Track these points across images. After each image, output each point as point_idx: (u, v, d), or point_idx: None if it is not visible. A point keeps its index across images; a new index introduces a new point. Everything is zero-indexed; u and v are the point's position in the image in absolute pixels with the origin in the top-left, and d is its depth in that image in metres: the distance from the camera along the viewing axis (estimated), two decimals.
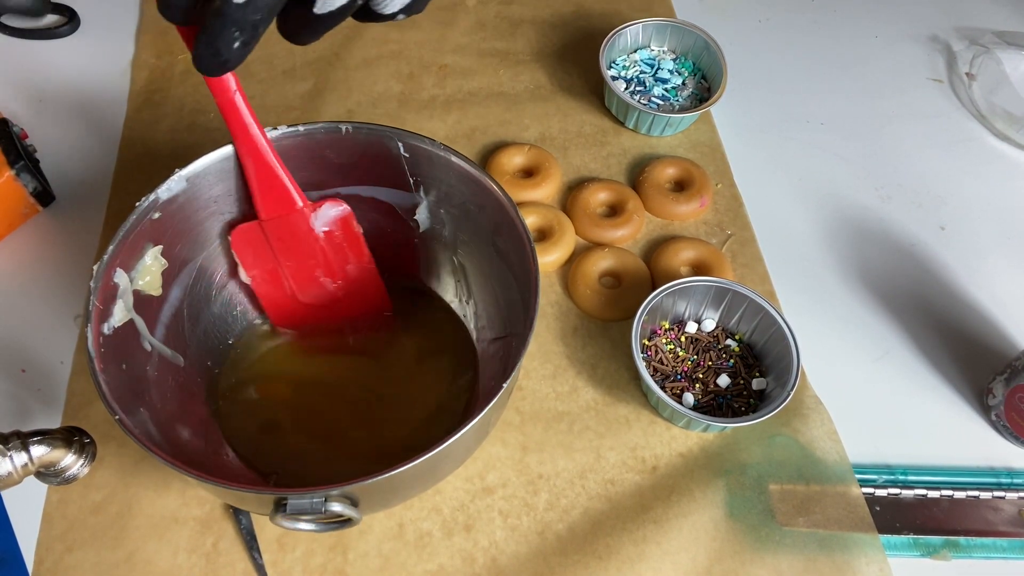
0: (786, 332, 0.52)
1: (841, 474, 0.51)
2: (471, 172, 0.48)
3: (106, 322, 0.42)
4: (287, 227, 0.49)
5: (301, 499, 0.36)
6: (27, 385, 0.53)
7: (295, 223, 0.49)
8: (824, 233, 0.64)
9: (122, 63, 0.72)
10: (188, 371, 0.49)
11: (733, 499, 0.50)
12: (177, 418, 0.46)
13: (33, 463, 0.39)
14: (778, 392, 0.50)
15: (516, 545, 0.48)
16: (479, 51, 0.75)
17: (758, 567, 0.47)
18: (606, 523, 0.49)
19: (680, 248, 0.60)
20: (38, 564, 0.47)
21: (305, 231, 0.50)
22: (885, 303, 0.60)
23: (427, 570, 0.47)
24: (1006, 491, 0.51)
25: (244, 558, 0.47)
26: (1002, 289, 0.61)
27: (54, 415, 0.52)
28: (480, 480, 0.50)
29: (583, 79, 0.73)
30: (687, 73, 0.71)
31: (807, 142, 0.70)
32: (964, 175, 0.69)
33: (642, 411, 0.54)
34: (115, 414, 0.38)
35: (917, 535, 0.49)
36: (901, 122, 0.72)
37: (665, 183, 0.65)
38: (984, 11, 0.82)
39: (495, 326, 0.52)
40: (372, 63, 0.73)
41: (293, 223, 0.49)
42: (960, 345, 0.58)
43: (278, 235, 0.49)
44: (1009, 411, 0.52)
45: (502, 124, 0.69)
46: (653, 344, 0.55)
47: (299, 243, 0.50)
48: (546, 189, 0.63)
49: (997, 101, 0.72)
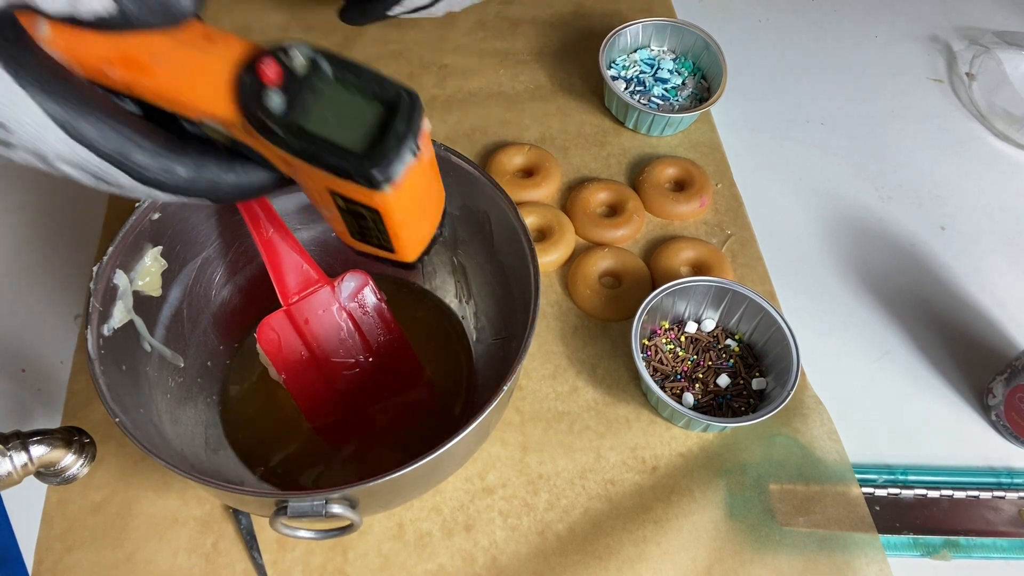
0: (786, 332, 0.52)
1: (841, 474, 0.51)
2: (471, 172, 0.48)
3: (106, 323, 0.42)
4: (313, 306, 0.49)
5: (302, 501, 0.36)
6: (27, 385, 0.53)
7: (321, 300, 0.49)
8: (824, 233, 0.64)
9: None
10: (188, 371, 0.49)
11: (733, 499, 0.50)
12: (177, 419, 0.46)
13: (33, 463, 0.38)
14: (778, 392, 0.50)
15: (516, 545, 0.48)
16: (479, 51, 0.75)
17: (758, 567, 0.47)
18: (606, 523, 0.49)
19: (680, 248, 0.60)
20: (38, 564, 0.47)
21: (331, 305, 0.50)
22: (885, 303, 0.60)
23: (427, 570, 0.47)
24: (1006, 491, 0.51)
25: (244, 558, 0.47)
26: (1002, 289, 0.61)
27: (54, 415, 0.52)
28: (480, 480, 0.50)
29: (583, 79, 0.73)
30: (687, 73, 0.71)
31: (807, 142, 0.70)
32: (964, 175, 0.69)
33: (642, 411, 0.54)
34: (115, 416, 0.38)
35: (917, 535, 0.49)
36: (901, 122, 0.72)
37: (665, 183, 0.65)
38: (984, 11, 0.82)
39: (495, 326, 0.52)
40: (372, 63, 0.72)
41: (318, 301, 0.49)
42: (960, 345, 0.58)
43: (305, 317, 0.49)
44: (1009, 411, 0.52)
45: (502, 124, 0.69)
46: (653, 344, 0.55)
47: (328, 319, 0.50)
48: (546, 189, 0.63)
49: (997, 101, 0.72)
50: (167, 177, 0.30)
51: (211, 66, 0.30)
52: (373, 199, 0.31)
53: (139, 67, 0.29)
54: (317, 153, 0.30)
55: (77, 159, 0.28)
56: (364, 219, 0.33)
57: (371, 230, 0.34)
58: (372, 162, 0.30)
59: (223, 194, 0.32)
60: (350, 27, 0.76)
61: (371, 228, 0.34)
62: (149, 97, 0.30)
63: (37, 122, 0.27)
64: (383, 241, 0.35)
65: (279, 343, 0.49)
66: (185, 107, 0.30)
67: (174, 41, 0.30)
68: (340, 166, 0.30)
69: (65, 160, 0.28)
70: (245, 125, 0.30)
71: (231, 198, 0.32)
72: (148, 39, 0.29)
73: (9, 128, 0.27)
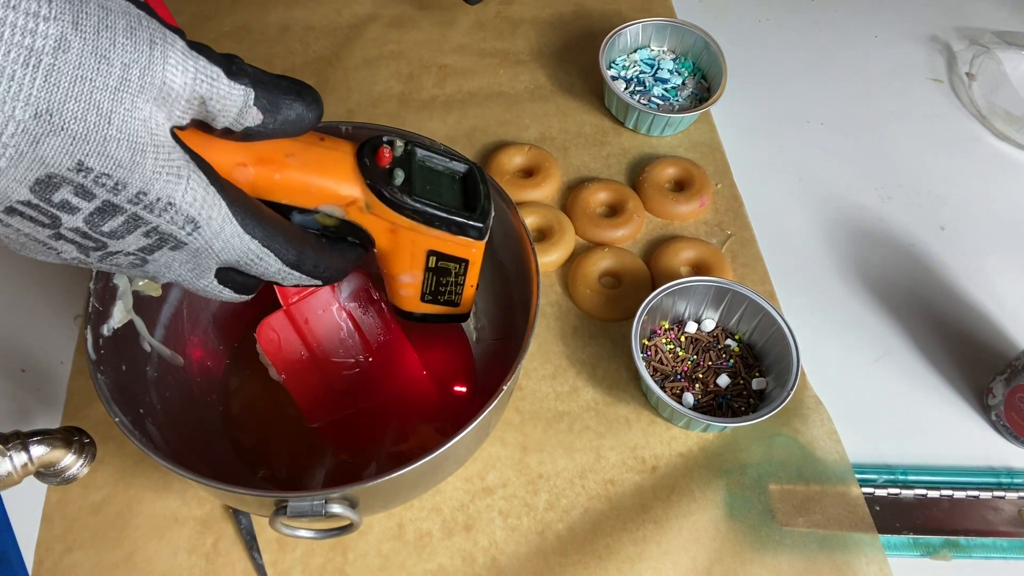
0: (786, 332, 0.52)
1: (841, 474, 0.51)
2: None
3: (106, 324, 0.42)
4: (313, 306, 0.50)
5: (302, 501, 0.36)
6: (27, 385, 0.53)
7: (321, 300, 0.50)
8: (824, 233, 0.64)
9: None
10: (188, 371, 0.49)
11: (733, 499, 0.50)
12: (177, 418, 0.46)
13: (33, 463, 0.38)
14: (778, 392, 0.50)
15: (516, 545, 0.48)
16: (479, 51, 0.75)
17: (758, 567, 0.47)
18: (606, 523, 0.49)
19: (680, 248, 0.60)
20: (38, 564, 0.47)
21: (331, 305, 0.50)
22: (885, 303, 0.60)
23: (427, 570, 0.47)
24: (1006, 491, 0.51)
25: (244, 558, 0.47)
26: (1002, 289, 0.61)
27: (54, 415, 0.52)
28: (480, 480, 0.50)
29: (583, 79, 0.73)
30: (687, 73, 0.71)
31: (807, 142, 0.70)
32: (964, 175, 0.69)
33: (642, 411, 0.54)
34: (115, 416, 0.38)
35: (917, 535, 0.49)
36: (901, 122, 0.72)
37: (665, 183, 0.65)
38: (984, 11, 0.82)
39: (495, 326, 0.52)
40: (372, 63, 0.73)
41: (318, 301, 0.50)
42: (960, 345, 0.58)
43: (305, 317, 0.50)
44: (1009, 411, 0.52)
45: (502, 124, 0.69)
46: (653, 344, 0.55)
47: (328, 319, 0.50)
48: (546, 189, 0.63)
49: (997, 101, 0.72)
50: (301, 261, 0.34)
51: (336, 158, 0.35)
52: (470, 249, 0.39)
53: (274, 164, 0.34)
54: (433, 215, 0.37)
55: (243, 250, 0.32)
56: (448, 274, 0.40)
57: (448, 286, 0.41)
58: (478, 218, 0.38)
59: (331, 271, 0.36)
60: (350, 27, 0.76)
61: (449, 284, 0.41)
62: (275, 192, 0.34)
63: (223, 217, 0.30)
64: (453, 296, 0.42)
65: (279, 343, 0.49)
66: (313, 195, 0.35)
67: (300, 143, 0.35)
68: (454, 222, 0.37)
69: (229, 249, 0.32)
70: (368, 200, 0.36)
71: (334, 276, 0.37)
72: (278, 143, 0.34)
73: (199, 224, 0.30)
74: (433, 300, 0.42)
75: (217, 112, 0.29)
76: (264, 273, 0.34)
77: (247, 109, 0.30)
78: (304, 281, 0.36)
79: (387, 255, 0.39)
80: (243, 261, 0.33)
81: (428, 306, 0.42)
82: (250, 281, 0.35)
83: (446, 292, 0.41)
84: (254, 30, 0.75)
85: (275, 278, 0.35)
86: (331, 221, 0.36)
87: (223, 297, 0.35)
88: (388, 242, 0.38)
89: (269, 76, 0.31)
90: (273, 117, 0.31)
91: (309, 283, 0.36)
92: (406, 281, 0.40)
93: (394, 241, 0.38)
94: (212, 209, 0.30)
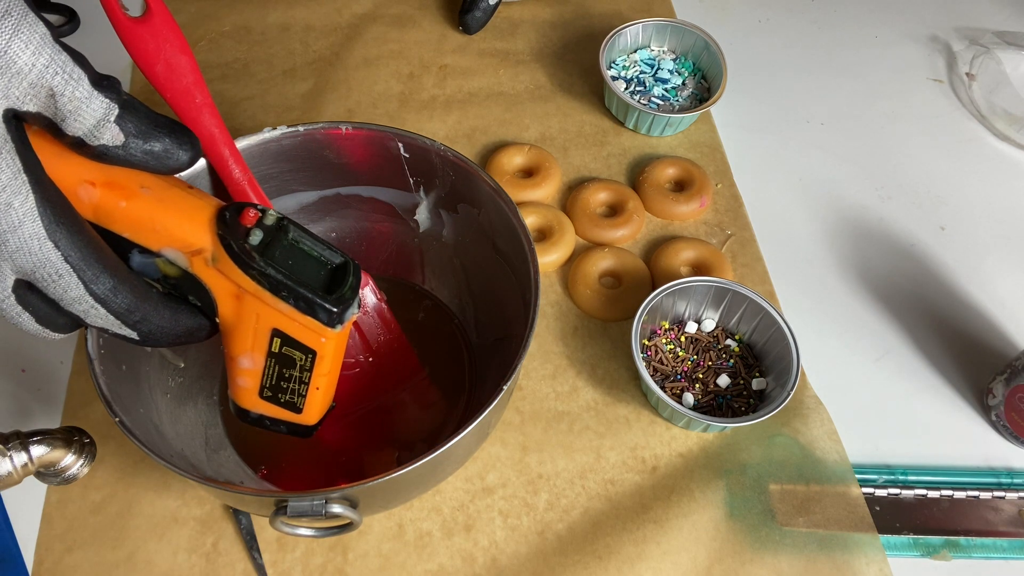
0: (786, 332, 0.52)
1: (841, 474, 0.51)
2: (471, 172, 0.48)
3: None
4: None
5: (301, 501, 0.36)
6: (27, 385, 0.53)
7: None
8: (824, 233, 0.64)
9: (122, 63, 0.72)
10: (188, 371, 0.49)
11: (733, 499, 0.50)
12: (177, 419, 0.46)
13: (33, 463, 0.38)
14: (778, 392, 0.50)
15: (516, 545, 0.48)
16: (479, 51, 0.75)
17: (758, 567, 0.47)
18: (606, 523, 0.49)
19: (680, 248, 0.60)
20: (38, 564, 0.47)
21: None
22: (885, 303, 0.60)
23: (427, 570, 0.47)
24: (1006, 491, 0.51)
25: (244, 558, 0.47)
26: (1002, 289, 0.61)
27: (54, 415, 0.52)
28: (480, 480, 0.50)
29: (583, 79, 0.73)
30: (687, 73, 0.71)
31: (807, 142, 0.70)
32: (964, 175, 0.69)
33: (642, 411, 0.54)
34: (115, 415, 0.38)
35: (917, 535, 0.49)
36: (901, 122, 0.72)
37: (665, 183, 0.65)
38: (984, 11, 0.82)
39: (495, 326, 0.52)
40: (372, 63, 0.73)
41: None
42: (960, 345, 0.58)
43: None
44: (1009, 411, 0.52)
45: (502, 124, 0.69)
46: (653, 344, 0.55)
47: None
48: (546, 189, 0.63)
49: (997, 101, 0.72)
50: (112, 297, 0.31)
51: (196, 204, 0.34)
52: (318, 338, 0.35)
53: (124, 192, 0.32)
54: (281, 282, 0.33)
55: (41, 259, 0.29)
56: (292, 366, 0.36)
57: (291, 382, 0.37)
58: (334, 302, 0.34)
59: (153, 327, 0.33)
60: (350, 27, 0.76)
61: (292, 379, 0.37)
62: (117, 222, 0.32)
63: (27, 211, 0.28)
64: (296, 398, 0.38)
65: None
66: (158, 233, 0.33)
67: (162, 181, 0.33)
68: (303, 296, 0.34)
69: (24, 252, 0.29)
70: (215, 253, 0.33)
71: (157, 336, 0.33)
72: (137, 173, 0.32)
73: None
74: (273, 398, 0.38)
75: (68, 113, 0.28)
76: (64, 298, 0.30)
77: (106, 124, 0.29)
78: (114, 326, 0.32)
79: (229, 329, 0.35)
80: (40, 274, 0.29)
81: (266, 405, 0.38)
82: (53, 313, 0.31)
83: (288, 390, 0.37)
84: (254, 30, 0.75)
85: (76, 309, 0.31)
86: (173, 270, 0.34)
87: (23, 324, 0.31)
88: (232, 311, 0.35)
89: (148, 109, 0.30)
90: (137, 143, 0.29)
91: (120, 332, 0.32)
92: (245, 366, 0.37)
93: (238, 311, 0.35)
94: (15, 197, 0.27)
